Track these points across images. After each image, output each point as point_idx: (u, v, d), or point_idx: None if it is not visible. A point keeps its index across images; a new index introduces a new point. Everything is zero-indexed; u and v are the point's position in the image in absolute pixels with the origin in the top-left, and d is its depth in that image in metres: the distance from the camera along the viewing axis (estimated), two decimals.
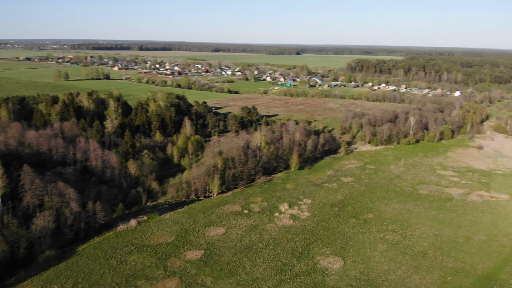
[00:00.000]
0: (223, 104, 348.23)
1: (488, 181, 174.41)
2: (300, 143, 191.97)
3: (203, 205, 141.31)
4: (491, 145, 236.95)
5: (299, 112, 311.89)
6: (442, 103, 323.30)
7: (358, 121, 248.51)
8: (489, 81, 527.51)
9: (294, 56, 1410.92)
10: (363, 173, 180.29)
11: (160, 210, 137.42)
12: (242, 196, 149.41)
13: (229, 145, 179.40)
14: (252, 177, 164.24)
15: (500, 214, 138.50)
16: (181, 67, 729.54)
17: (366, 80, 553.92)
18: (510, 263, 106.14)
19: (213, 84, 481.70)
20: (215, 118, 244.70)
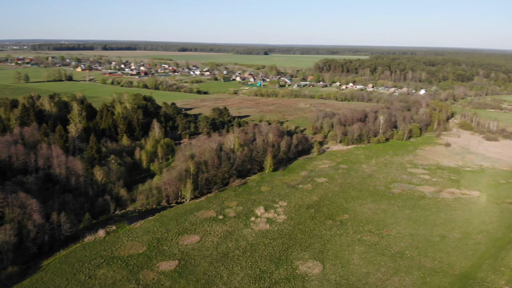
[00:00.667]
0: (193, 105, 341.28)
1: (458, 178, 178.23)
2: (274, 144, 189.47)
3: (175, 212, 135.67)
4: (458, 142, 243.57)
5: (270, 113, 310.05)
6: (409, 102, 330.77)
7: (329, 121, 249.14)
8: (452, 79, 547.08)
9: (262, 56, 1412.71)
10: (336, 173, 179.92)
11: (130, 218, 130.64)
12: (216, 201, 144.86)
13: (201, 148, 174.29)
14: (226, 181, 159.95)
15: (472, 211, 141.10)
16: (147, 67, 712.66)
17: (334, 79, 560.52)
18: (487, 261, 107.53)
19: (182, 85, 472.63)
20: (185, 120, 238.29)
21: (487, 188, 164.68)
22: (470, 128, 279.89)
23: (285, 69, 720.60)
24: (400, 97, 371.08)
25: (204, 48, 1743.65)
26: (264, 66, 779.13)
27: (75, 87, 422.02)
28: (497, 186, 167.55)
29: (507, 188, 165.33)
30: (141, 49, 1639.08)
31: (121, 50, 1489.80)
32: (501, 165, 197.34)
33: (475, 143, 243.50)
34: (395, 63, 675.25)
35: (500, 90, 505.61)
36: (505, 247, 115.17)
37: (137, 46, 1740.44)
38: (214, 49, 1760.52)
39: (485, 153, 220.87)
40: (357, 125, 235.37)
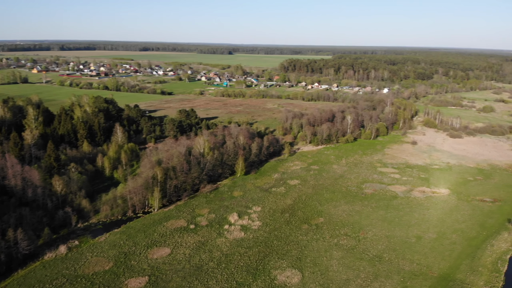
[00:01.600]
0: (158, 106, 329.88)
1: (427, 176, 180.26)
2: (245, 147, 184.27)
3: (143, 223, 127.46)
4: (424, 140, 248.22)
5: (239, 114, 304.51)
6: (374, 101, 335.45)
7: (298, 122, 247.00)
8: (413, 78, 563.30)
9: (226, 56, 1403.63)
10: (308, 175, 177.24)
11: (94, 232, 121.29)
12: (186, 209, 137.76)
13: (169, 152, 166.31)
14: (196, 187, 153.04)
15: (444, 210, 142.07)
16: (108, 67, 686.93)
17: (299, 79, 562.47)
18: (464, 261, 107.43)
19: (144, 85, 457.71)
20: (150, 123, 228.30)
21: (456, 186, 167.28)
22: (434, 125, 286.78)
23: (251, 69, 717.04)
24: (365, 96, 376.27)
25: (166, 48, 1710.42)
26: (229, 66, 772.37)
27: (31, 89, 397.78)
28: (466, 184, 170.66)
29: (475, 185, 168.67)
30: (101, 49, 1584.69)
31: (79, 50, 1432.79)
32: (467, 162, 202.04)
33: (440, 141, 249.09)
34: (358, 62, 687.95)
35: (459, 87, 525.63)
36: (480, 246, 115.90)
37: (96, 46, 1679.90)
38: (177, 48, 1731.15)
39: (451, 150, 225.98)
40: (326, 125, 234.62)
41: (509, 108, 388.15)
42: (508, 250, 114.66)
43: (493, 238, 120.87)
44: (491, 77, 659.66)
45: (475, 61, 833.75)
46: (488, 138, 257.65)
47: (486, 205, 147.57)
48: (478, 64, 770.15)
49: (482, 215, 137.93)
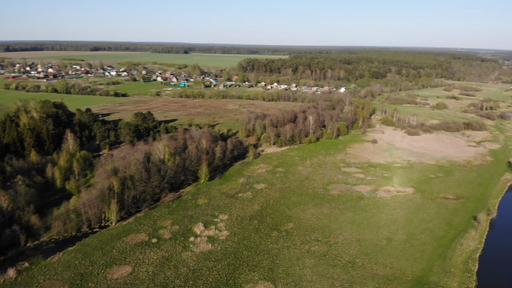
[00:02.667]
0: (111, 109, 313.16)
1: (390, 175, 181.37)
2: (208, 151, 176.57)
3: (100, 239, 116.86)
4: (383, 138, 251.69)
5: (199, 115, 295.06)
6: (333, 100, 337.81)
7: (261, 123, 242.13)
8: (368, 77, 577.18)
9: (182, 55, 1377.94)
10: (274, 178, 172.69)
11: (45, 251, 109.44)
12: (147, 221, 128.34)
13: (125, 160, 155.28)
14: (157, 196, 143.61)
15: (410, 210, 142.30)
16: (57, 69, 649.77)
17: (259, 79, 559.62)
18: (436, 263, 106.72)
19: (96, 87, 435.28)
20: (103, 127, 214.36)
21: (420, 184, 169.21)
22: (392, 123, 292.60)
23: (209, 68, 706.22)
24: (324, 96, 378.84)
25: (119, 47, 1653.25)
26: (186, 66, 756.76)
27: None
28: (428, 181, 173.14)
29: (437, 183, 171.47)
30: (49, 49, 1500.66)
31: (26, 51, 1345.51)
32: (427, 159, 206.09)
33: (399, 138, 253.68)
34: (314, 62, 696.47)
35: (412, 85, 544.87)
36: (450, 246, 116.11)
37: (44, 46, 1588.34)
38: (130, 47, 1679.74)
39: (410, 148, 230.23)
40: (289, 126, 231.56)
41: (460, 104, 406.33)
42: (477, 248, 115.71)
43: (461, 237, 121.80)
44: (441, 74, 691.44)
45: (425, 59, 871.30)
46: (444, 135, 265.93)
47: (450, 202, 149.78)
48: (428, 62, 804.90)
49: (448, 213, 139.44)
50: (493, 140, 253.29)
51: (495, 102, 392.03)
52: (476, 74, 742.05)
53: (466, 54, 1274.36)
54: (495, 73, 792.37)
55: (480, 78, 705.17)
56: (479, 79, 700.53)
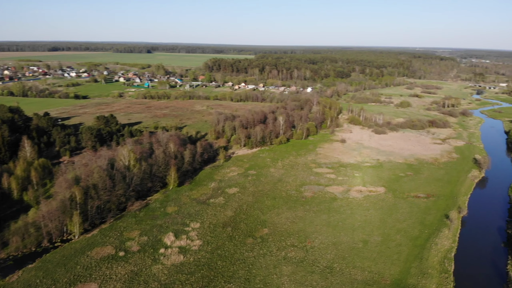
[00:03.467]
0: (72, 113, 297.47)
1: (361, 174, 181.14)
2: (176, 155, 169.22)
3: (62, 254, 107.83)
4: (351, 138, 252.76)
5: (165, 117, 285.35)
6: (301, 100, 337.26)
7: (230, 124, 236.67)
8: (333, 76, 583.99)
9: (145, 55, 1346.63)
10: (246, 181, 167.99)
11: (3, 270, 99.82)
12: (113, 233, 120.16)
13: (88, 167, 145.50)
14: (123, 205, 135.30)
15: (384, 210, 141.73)
16: (12, 70, 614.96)
17: (225, 79, 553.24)
18: (413, 264, 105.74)
19: (55, 89, 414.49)
20: (63, 133, 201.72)
21: (390, 183, 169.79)
22: (359, 122, 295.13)
23: (173, 68, 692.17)
24: (292, 96, 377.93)
25: (78, 47, 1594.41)
26: (149, 65, 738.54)
27: None
28: (399, 180, 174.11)
29: (407, 181, 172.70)
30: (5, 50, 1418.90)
31: None
32: (396, 158, 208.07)
33: (367, 137, 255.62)
34: (281, 62, 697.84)
35: (375, 84, 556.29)
36: (425, 246, 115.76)
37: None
38: (91, 47, 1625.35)
39: (378, 146, 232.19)
40: (259, 127, 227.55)
41: (423, 102, 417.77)
42: (452, 247, 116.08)
43: (435, 236, 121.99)
44: (403, 73, 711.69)
45: (387, 59, 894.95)
46: (410, 133, 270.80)
47: (422, 201, 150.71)
48: (390, 61, 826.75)
49: (420, 212, 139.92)
50: (457, 137, 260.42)
51: (456, 100, 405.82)
52: (436, 72, 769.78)
53: (425, 53, 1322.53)
54: (454, 71, 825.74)
55: (440, 76, 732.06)
56: (439, 77, 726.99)
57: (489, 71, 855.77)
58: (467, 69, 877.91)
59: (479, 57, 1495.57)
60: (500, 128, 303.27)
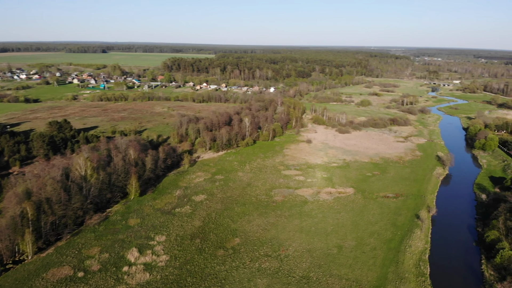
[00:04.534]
0: (22, 118, 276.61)
1: (329, 175, 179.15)
2: (137, 162, 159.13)
3: (14, 278, 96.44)
4: (317, 138, 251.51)
5: (123, 121, 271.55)
6: (265, 101, 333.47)
7: (194, 127, 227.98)
8: (295, 76, 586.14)
9: (100, 55, 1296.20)
10: (214, 187, 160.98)
11: None
12: (71, 251, 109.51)
13: (40, 179, 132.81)
14: (80, 220, 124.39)
15: (355, 212, 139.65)
16: None
17: (186, 79, 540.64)
18: (390, 269, 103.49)
19: (4, 93, 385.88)
20: (12, 141, 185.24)
21: (359, 183, 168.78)
22: (323, 122, 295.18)
23: (131, 68, 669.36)
24: (255, 96, 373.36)
25: (29, 48, 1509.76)
26: (105, 66, 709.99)
27: None
28: (366, 180, 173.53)
29: (375, 181, 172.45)
30: None
31: None
32: (361, 157, 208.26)
33: (331, 137, 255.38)
34: (242, 62, 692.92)
35: (335, 83, 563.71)
36: (399, 249, 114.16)
37: None
38: (42, 48, 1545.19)
39: (344, 146, 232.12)
40: (225, 129, 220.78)
41: (382, 100, 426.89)
42: (425, 249, 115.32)
43: (408, 238, 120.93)
44: (361, 72, 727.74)
45: (345, 58, 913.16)
46: (372, 132, 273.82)
47: (391, 201, 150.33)
48: (348, 60, 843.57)
49: (391, 213, 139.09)
50: (419, 135, 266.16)
51: (414, 97, 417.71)
52: (392, 71, 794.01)
53: (381, 52, 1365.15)
54: (409, 69, 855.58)
55: (396, 75, 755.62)
56: (395, 75, 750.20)
57: (442, 68, 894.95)
58: (421, 67, 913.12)
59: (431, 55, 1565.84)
60: (458, 124, 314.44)
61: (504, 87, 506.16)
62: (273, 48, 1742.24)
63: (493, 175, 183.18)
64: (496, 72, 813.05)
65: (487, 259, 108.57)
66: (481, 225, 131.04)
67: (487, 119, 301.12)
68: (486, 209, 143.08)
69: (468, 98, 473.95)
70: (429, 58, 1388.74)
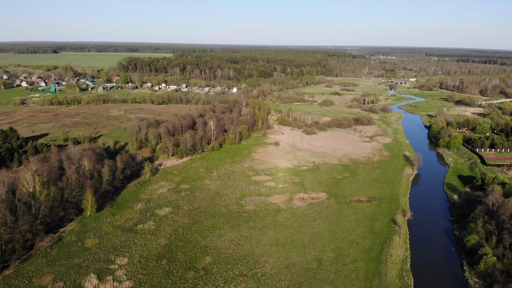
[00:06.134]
0: None
1: (300, 180, 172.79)
2: (93, 174, 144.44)
3: None
4: (284, 140, 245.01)
5: (76, 126, 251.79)
6: (229, 102, 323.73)
7: (155, 131, 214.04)
8: (257, 76, 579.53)
9: (51, 55, 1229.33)
10: (179, 198, 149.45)
11: None
12: (19, 280, 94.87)
13: None
14: (29, 243, 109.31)
15: (330, 219, 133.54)
16: None
17: (143, 80, 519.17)
18: (373, 283, 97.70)
19: None
20: None
21: (330, 187, 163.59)
22: (289, 123, 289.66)
23: (84, 69, 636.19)
24: (219, 98, 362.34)
25: None
26: (56, 67, 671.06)
27: None
28: (338, 183, 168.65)
29: (347, 184, 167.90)
30: None
31: None
32: (330, 159, 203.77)
33: (298, 139, 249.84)
34: (202, 61, 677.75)
35: (297, 83, 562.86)
36: (380, 259, 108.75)
37: None
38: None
39: (311, 148, 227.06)
40: (189, 133, 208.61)
41: (344, 100, 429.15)
42: (406, 257, 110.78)
43: (388, 246, 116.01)
44: (321, 71, 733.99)
45: (305, 57, 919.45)
46: (338, 132, 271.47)
47: (365, 205, 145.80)
48: (307, 60, 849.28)
49: (367, 219, 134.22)
50: (384, 134, 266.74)
51: (375, 96, 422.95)
52: (351, 70, 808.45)
53: (338, 51, 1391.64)
54: (366, 68, 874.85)
55: (355, 73, 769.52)
56: (354, 74, 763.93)
57: (397, 67, 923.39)
58: (378, 66, 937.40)
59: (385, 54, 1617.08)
60: (419, 122, 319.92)
61: (460, 84, 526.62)
62: (232, 47, 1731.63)
63: (461, 174, 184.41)
64: (449, 69, 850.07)
65: (470, 266, 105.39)
66: (457, 227, 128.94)
67: (448, 116, 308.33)
68: (460, 210, 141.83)
69: (426, 95, 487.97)
70: (384, 56, 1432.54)
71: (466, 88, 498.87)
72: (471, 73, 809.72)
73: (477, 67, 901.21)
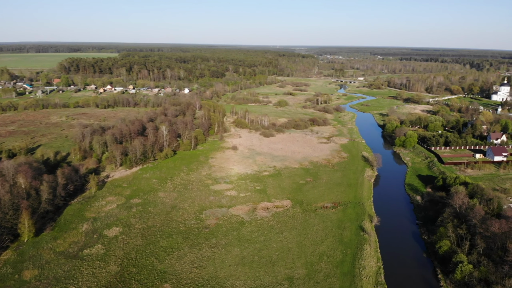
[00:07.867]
0: None
1: (263, 187, 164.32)
2: (29, 193, 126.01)
3: None
4: (242, 143, 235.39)
5: (12, 136, 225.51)
6: (182, 104, 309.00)
7: (100, 139, 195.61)
8: (209, 76, 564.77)
9: None
10: (130, 215, 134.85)
11: None
12: None
13: None
14: None
15: (297, 230, 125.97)
16: None
17: (87, 82, 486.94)
18: None
19: None
20: None
21: (294, 193, 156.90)
22: (245, 126, 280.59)
23: (21, 71, 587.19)
24: (170, 100, 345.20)
25: None
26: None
27: None
28: (301, 189, 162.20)
29: (310, 189, 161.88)
30: None
31: None
32: (291, 163, 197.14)
33: (257, 142, 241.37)
34: (150, 61, 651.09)
35: (250, 83, 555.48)
36: (354, 272, 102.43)
37: None
38: None
39: (271, 151, 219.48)
40: (138, 140, 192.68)
41: (298, 100, 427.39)
42: (379, 268, 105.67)
43: (359, 257, 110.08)
44: (273, 71, 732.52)
45: (256, 57, 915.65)
46: (295, 133, 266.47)
47: (331, 212, 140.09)
48: (259, 60, 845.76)
49: (335, 227, 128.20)
50: (340, 134, 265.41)
51: (327, 96, 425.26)
52: (301, 70, 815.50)
53: (287, 51, 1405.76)
54: (315, 68, 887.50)
55: (305, 73, 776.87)
56: (305, 74, 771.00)
57: (345, 66, 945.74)
58: (327, 65, 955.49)
59: (332, 54, 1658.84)
60: (372, 121, 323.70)
61: (407, 82, 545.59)
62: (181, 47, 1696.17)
63: (421, 173, 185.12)
64: (395, 68, 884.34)
65: (445, 274, 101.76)
66: (425, 232, 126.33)
67: (400, 115, 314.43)
68: (425, 213, 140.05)
69: (375, 94, 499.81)
70: (332, 56, 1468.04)
71: (413, 86, 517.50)
72: (415, 71, 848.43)
73: (420, 65, 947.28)
